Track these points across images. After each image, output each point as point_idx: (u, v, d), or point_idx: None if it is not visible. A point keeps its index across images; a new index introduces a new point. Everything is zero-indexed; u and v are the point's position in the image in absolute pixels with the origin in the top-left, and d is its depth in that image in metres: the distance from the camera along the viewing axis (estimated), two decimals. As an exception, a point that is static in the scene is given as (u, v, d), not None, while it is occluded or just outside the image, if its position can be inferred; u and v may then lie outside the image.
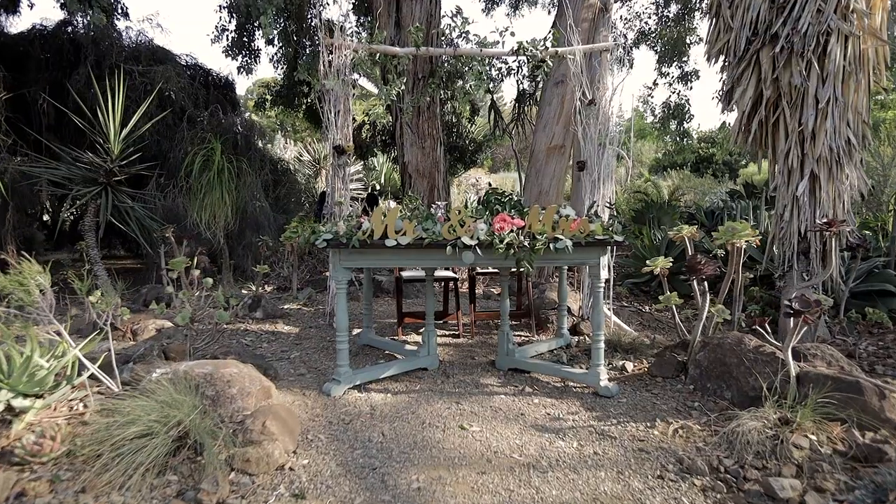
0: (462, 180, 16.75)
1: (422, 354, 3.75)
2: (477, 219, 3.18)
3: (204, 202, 5.95)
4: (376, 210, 3.15)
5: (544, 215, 3.12)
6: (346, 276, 3.27)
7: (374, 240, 3.13)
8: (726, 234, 3.84)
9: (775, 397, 2.63)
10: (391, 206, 3.86)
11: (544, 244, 3.04)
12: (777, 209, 5.09)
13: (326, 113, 4.69)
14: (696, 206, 9.88)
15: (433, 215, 3.33)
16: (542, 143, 7.31)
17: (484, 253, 3.07)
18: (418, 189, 8.13)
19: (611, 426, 2.85)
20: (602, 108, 4.55)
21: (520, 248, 3.03)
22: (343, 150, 4.73)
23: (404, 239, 3.10)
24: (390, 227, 3.12)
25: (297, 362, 3.86)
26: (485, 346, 4.34)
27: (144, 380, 2.79)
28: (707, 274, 3.27)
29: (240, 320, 4.83)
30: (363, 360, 4.00)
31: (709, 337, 3.32)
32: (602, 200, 4.60)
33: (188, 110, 8.20)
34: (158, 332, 4.26)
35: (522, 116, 10.50)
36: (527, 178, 7.79)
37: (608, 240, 3.10)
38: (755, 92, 5.10)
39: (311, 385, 3.41)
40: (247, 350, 3.73)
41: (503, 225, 3.09)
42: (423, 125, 8.07)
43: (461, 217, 3.13)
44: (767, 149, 5.34)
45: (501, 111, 11.76)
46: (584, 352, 4.07)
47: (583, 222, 3.13)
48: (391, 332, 4.69)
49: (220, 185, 6.00)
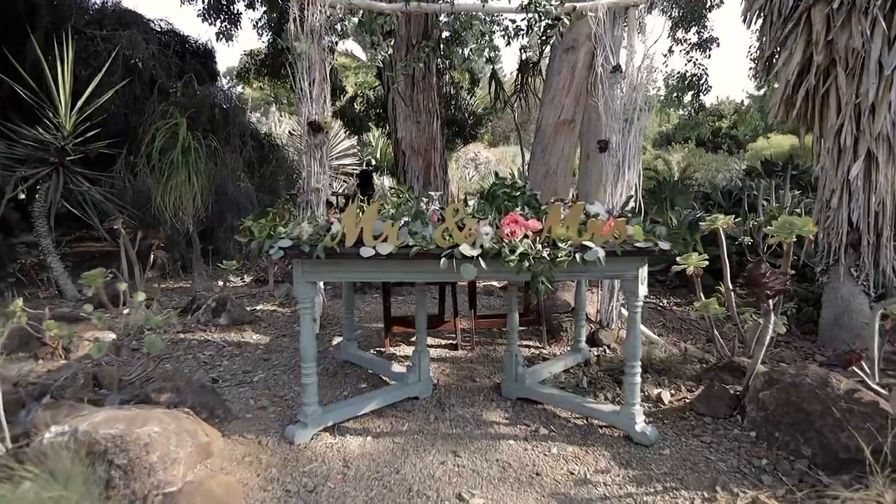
0: (460, 155, 15.87)
1: (411, 380, 3.01)
2: (480, 219, 2.41)
3: (168, 185, 5.15)
4: (349, 209, 2.37)
5: (568, 215, 2.35)
6: (311, 292, 2.50)
7: (346, 248, 2.36)
8: (782, 229, 3.04)
9: (887, 470, 1.90)
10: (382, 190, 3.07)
11: (569, 255, 2.27)
12: (822, 194, 4.33)
13: (299, 82, 3.86)
14: (710, 185, 9.08)
15: (423, 213, 2.55)
16: (550, 118, 6.47)
17: (489, 265, 2.30)
18: (413, 168, 7.32)
19: (655, 495, 2.12)
20: (629, 76, 3.73)
21: (537, 259, 2.26)
22: (319, 127, 3.92)
23: (385, 247, 2.32)
24: (367, 231, 2.34)
25: (260, 388, 3.12)
26: (488, 362, 3.61)
27: (36, 440, 2.06)
28: (776, 290, 2.50)
29: (202, 327, 4.08)
30: (342, 382, 3.26)
31: (777, 370, 2.56)
32: (626, 188, 3.81)
33: (159, 80, 7.33)
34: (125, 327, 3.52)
35: (525, 88, 9.60)
36: (532, 156, 6.97)
37: (651, 248, 2.33)
38: (803, 57, 4.28)
39: (271, 426, 2.67)
40: (195, 379, 2.98)
41: (515, 229, 2.31)
42: (417, 97, 7.20)
43: (460, 217, 2.35)
44: (813, 124, 4.54)
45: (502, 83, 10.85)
46: (608, 372, 3.33)
47: (618, 225, 2.35)
48: (378, 341, 3.95)
49: (186, 165, 5.18)
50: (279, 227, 2.57)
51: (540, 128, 6.69)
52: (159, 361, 3.44)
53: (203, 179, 5.34)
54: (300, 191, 4.11)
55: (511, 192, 2.50)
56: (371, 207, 2.38)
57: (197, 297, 4.43)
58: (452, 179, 13.60)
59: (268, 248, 2.42)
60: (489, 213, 2.45)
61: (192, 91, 7.56)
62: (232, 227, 7.35)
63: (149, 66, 7.20)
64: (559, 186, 6.63)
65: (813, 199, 7.88)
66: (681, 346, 3.84)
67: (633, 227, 2.37)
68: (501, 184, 2.57)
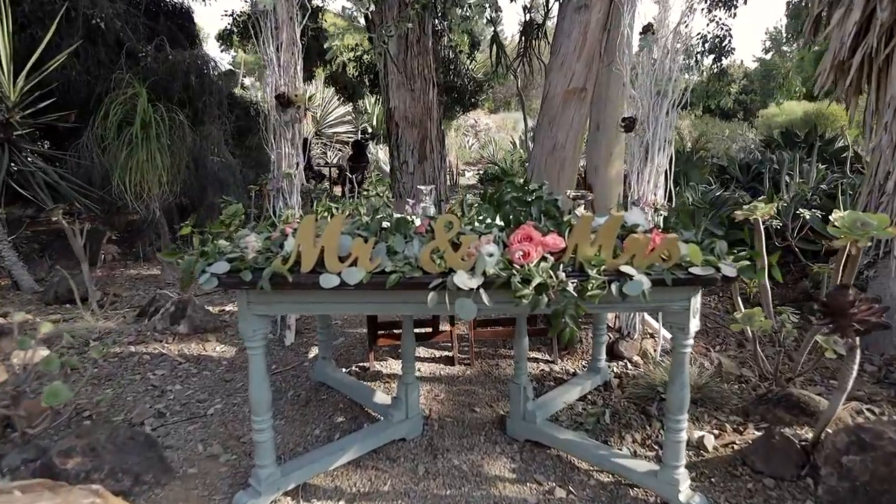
0: (460, 123, 15.04)
1: (397, 417, 2.42)
2: (482, 234, 1.78)
3: (128, 165, 4.47)
4: (306, 220, 1.72)
5: (602, 230, 1.71)
6: (261, 327, 1.89)
7: (301, 274, 1.73)
8: (853, 229, 2.39)
9: None
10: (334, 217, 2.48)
11: (602, 286, 1.65)
12: (872, 175, 3.71)
13: (263, 46, 3.16)
14: (727, 158, 8.37)
15: (407, 223, 1.91)
16: (558, 86, 5.73)
17: (494, 298, 1.68)
18: (407, 141, 6.61)
19: None
20: (661, 39, 3.03)
21: (560, 292, 1.64)
22: (289, 100, 3.23)
23: (354, 274, 1.70)
24: (329, 251, 1.71)
25: (215, 424, 2.54)
26: (489, 382, 3.02)
27: None
28: (868, 324, 1.88)
29: (158, 336, 3.48)
30: (315, 414, 2.68)
31: (868, 429, 1.95)
32: (654, 174, 3.15)
33: (127, 44, 6.54)
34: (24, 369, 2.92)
35: (529, 52, 8.78)
36: (537, 128, 6.26)
37: (713, 277, 1.70)
38: (862, 14, 3.61)
39: (220, 487, 2.09)
40: (120, 433, 2.39)
41: (529, 249, 1.68)
42: (411, 63, 6.44)
43: (455, 231, 1.71)
44: (868, 94, 3.88)
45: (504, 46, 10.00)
46: (634, 399, 2.74)
47: (668, 243, 1.71)
48: (362, 353, 3.36)
49: (147, 142, 4.49)
50: (220, 241, 1.94)
51: (547, 97, 5.96)
52: (99, 385, 2.86)
53: (168, 157, 4.65)
54: (269, 177, 3.45)
55: (523, 197, 1.85)
56: (335, 219, 1.74)
57: (157, 297, 3.81)
58: (451, 149, 12.85)
59: (198, 274, 1.79)
60: (493, 226, 1.81)
61: (165, 56, 6.78)
62: (213, 204, 6.71)
63: (114, 27, 6.41)
64: (567, 162, 5.95)
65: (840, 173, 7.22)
66: (711, 356, 3.26)
67: (689, 247, 1.73)
68: (510, 184, 1.91)
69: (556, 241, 1.73)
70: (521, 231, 1.75)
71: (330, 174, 11.13)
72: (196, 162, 7.05)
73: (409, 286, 1.71)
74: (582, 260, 1.71)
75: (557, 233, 1.79)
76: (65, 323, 3.66)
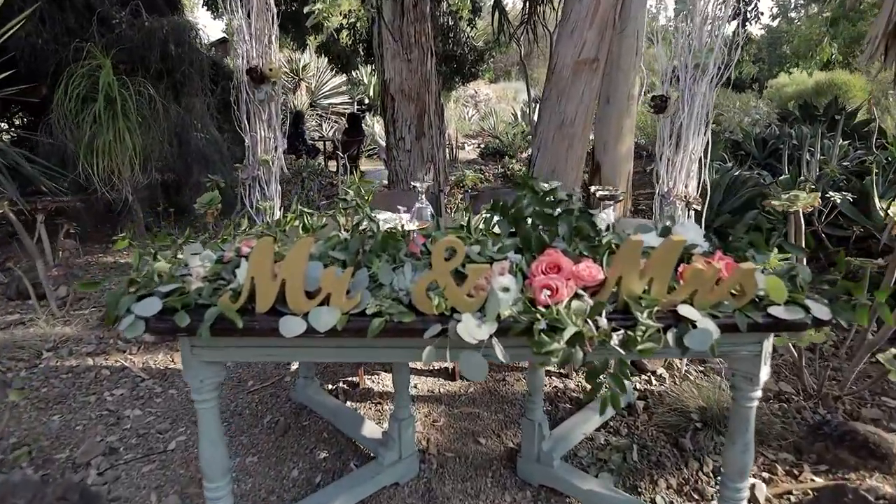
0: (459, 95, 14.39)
1: (389, 459, 2.02)
2: (494, 260, 1.34)
3: (93, 146, 3.98)
4: (262, 243, 1.28)
5: (655, 260, 1.26)
6: (210, 376, 1.46)
7: (256, 316, 1.30)
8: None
9: None
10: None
11: (656, 335, 1.22)
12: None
13: (230, 11, 2.66)
14: (741, 132, 7.84)
15: (397, 241, 1.47)
16: (568, 56, 5.20)
17: (511, 349, 1.25)
18: (404, 115, 6.09)
19: None
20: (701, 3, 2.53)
21: (599, 343, 1.21)
22: (262, 76, 2.75)
23: (325, 317, 1.26)
24: (292, 287, 1.27)
25: (175, 464, 2.14)
26: (495, 402, 2.61)
27: None
28: None
29: (121, 346, 3.06)
30: (294, 448, 2.27)
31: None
32: (688, 161, 2.69)
33: (98, 8, 5.95)
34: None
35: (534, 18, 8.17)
36: (543, 103, 5.74)
37: (801, 321, 1.27)
38: (926, -26, 3.11)
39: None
40: (47, 493, 2.00)
41: (557, 284, 1.24)
42: (408, 30, 5.89)
43: (458, 261, 1.27)
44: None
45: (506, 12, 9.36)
46: (663, 428, 2.34)
47: (742, 275, 1.27)
48: (350, 367, 2.94)
49: (113, 120, 3.99)
50: (159, 264, 1.50)
51: (554, 68, 5.42)
52: (46, 409, 2.45)
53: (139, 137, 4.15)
54: (243, 164, 2.98)
55: (548, 210, 1.40)
56: (301, 244, 1.29)
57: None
58: (450, 121, 12.26)
59: (123, 313, 1.36)
60: (509, 247, 1.36)
61: (141, 23, 6.19)
62: (199, 183, 6.24)
63: (81, -12, 5.81)
64: (576, 139, 5.46)
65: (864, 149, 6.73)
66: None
67: (767, 280, 1.29)
68: (531, 192, 1.45)
69: (592, 273, 1.29)
70: (546, 258, 1.30)
71: (325, 148, 10.59)
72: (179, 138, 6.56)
73: (398, 332, 1.28)
74: (627, 298, 1.27)
75: (592, 259, 1.35)
76: (20, 327, 3.24)
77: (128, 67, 5.95)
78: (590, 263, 1.32)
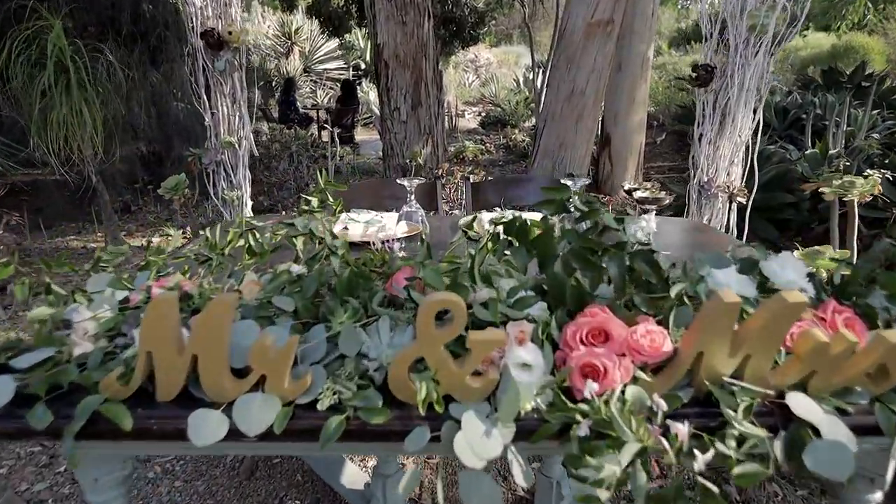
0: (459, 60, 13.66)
1: (372, 522, 1.63)
2: (509, 318, 0.90)
3: (46, 121, 3.49)
4: (157, 301, 0.84)
5: (757, 325, 0.83)
6: (106, 473, 1.03)
7: (156, 409, 0.87)
8: None
9: None
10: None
11: (762, 450, 0.79)
12: None
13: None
14: (759, 101, 7.29)
15: (368, 281, 1.02)
16: (579, 18, 4.66)
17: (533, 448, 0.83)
18: (399, 83, 5.55)
19: None
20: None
21: (675, 457, 0.78)
22: (220, 41, 2.25)
23: (256, 413, 0.83)
24: (208, 366, 0.84)
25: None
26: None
27: None
28: None
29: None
30: (259, 492, 1.87)
31: None
32: (733, 148, 2.22)
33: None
34: None
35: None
36: (552, 70, 5.21)
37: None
38: None
39: None
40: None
41: (606, 364, 0.81)
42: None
43: (458, 329, 0.83)
44: None
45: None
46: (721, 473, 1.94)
47: (891, 351, 0.84)
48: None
49: (67, 91, 3.49)
50: (41, 309, 1.06)
51: (564, 32, 4.88)
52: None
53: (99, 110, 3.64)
54: (204, 148, 2.51)
55: (585, 241, 0.92)
56: (219, 302, 0.84)
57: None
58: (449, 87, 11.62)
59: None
60: (530, 302, 0.92)
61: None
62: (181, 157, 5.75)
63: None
64: (587, 111, 4.95)
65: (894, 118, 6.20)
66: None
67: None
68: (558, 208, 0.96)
69: (656, 344, 0.85)
70: (587, 320, 0.86)
71: (318, 117, 10.01)
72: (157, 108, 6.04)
73: (367, 435, 0.85)
74: (708, 382, 0.84)
75: (650, 316, 0.90)
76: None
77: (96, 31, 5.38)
78: (651, 326, 0.88)
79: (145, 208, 5.77)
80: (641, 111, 5.75)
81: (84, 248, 4.39)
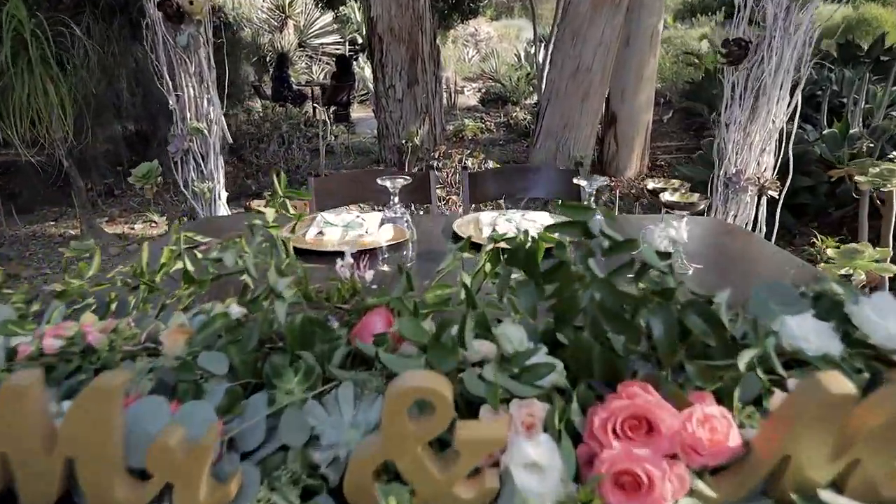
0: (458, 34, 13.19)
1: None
2: (513, 396, 0.64)
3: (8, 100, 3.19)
4: (7, 388, 0.59)
5: (869, 420, 0.58)
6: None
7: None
8: None
9: None
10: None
11: None
12: None
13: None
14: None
15: (330, 333, 0.77)
16: (587, -13, 4.32)
17: None
18: (394, 59, 5.23)
19: None
20: None
21: None
22: (181, 12, 1.95)
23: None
24: (91, 470, 0.59)
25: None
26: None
27: None
28: None
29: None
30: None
31: None
32: (766, 133, 1.94)
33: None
34: None
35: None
36: (556, 45, 4.88)
37: None
38: None
39: None
40: None
41: (651, 473, 0.56)
42: (396, -44, 4.97)
43: (441, 427, 0.58)
44: None
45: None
46: None
47: None
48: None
49: (29, 69, 3.18)
50: None
51: (570, 4, 4.54)
52: None
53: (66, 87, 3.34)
54: (170, 134, 2.24)
55: (617, 293, 0.66)
56: (103, 383, 0.59)
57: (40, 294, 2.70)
58: (448, 63, 11.21)
59: None
60: (542, 371, 0.67)
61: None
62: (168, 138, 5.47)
63: None
64: (594, 88, 4.64)
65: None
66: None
67: None
68: (599, 282, 0.69)
69: (718, 436, 0.60)
70: (622, 404, 0.61)
71: (312, 94, 9.65)
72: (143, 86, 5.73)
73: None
74: (796, 494, 0.59)
75: (716, 397, 0.65)
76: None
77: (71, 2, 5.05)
78: (709, 409, 0.62)
79: (129, 191, 5.49)
80: (649, 88, 5.43)
81: (61, 237, 4.14)
